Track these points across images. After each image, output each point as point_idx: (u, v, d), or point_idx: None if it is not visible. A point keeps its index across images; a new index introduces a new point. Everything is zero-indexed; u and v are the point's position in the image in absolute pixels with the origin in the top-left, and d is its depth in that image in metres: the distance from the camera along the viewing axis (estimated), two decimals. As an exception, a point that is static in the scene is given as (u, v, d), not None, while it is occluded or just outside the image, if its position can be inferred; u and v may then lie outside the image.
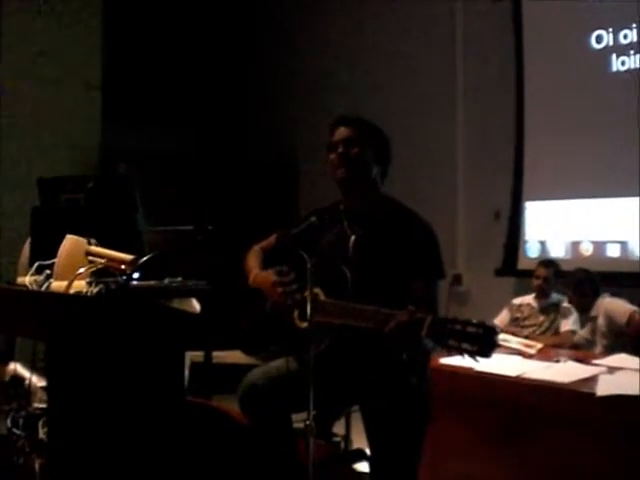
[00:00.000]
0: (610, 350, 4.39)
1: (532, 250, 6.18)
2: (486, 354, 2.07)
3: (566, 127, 5.92)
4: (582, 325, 4.95)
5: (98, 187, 3.51)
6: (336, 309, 2.40)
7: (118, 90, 7.10)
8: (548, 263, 5.24)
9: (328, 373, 2.45)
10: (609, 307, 4.71)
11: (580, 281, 4.89)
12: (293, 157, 8.05)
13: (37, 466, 3.16)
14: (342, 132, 2.65)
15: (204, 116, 7.78)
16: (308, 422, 2.28)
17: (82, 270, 2.70)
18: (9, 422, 3.39)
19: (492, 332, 2.05)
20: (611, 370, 3.65)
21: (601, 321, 4.73)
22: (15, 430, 3.39)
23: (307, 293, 2.31)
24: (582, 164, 5.80)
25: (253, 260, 2.82)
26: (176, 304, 3.42)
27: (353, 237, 2.63)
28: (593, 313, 4.80)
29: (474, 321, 2.07)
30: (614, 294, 4.86)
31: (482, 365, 3.61)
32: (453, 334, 2.08)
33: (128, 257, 2.70)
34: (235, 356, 5.35)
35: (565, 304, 5.03)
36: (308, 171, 7.54)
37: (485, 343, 2.05)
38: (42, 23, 6.61)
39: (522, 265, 6.10)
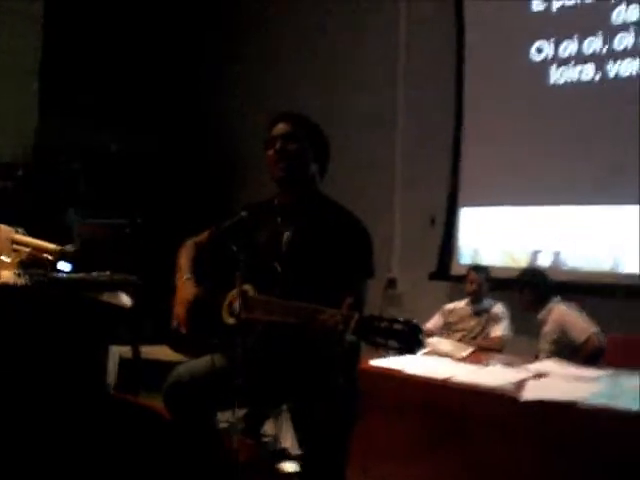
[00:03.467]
0: (553, 357, 4.37)
1: (465, 256, 6.25)
2: (412, 351, 2.06)
3: (504, 136, 6.01)
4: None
5: (28, 175, 3.43)
6: (264, 305, 2.38)
7: (58, 80, 6.95)
8: (479, 268, 5.30)
9: (256, 371, 2.43)
10: (566, 319, 4.64)
11: (530, 280, 4.87)
12: (233, 150, 7.97)
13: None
14: (281, 128, 2.64)
15: (142, 109, 7.66)
16: (232, 420, 2.26)
17: (7, 259, 2.63)
18: None
19: (417, 329, 2.06)
20: (540, 375, 3.69)
21: (550, 328, 4.67)
22: None
23: (237, 289, 2.29)
24: (518, 172, 5.89)
25: (185, 256, 2.77)
26: (105, 298, 3.36)
27: (286, 233, 2.61)
28: (541, 316, 4.75)
29: (400, 319, 2.07)
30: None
31: (412, 367, 3.68)
32: (380, 331, 2.07)
33: (53, 246, 2.64)
34: (164, 352, 5.30)
35: (496, 309, 5.09)
36: (248, 165, 7.49)
37: (411, 340, 2.05)
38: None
39: (455, 271, 6.17)
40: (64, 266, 2.96)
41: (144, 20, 7.74)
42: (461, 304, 5.24)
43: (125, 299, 3.87)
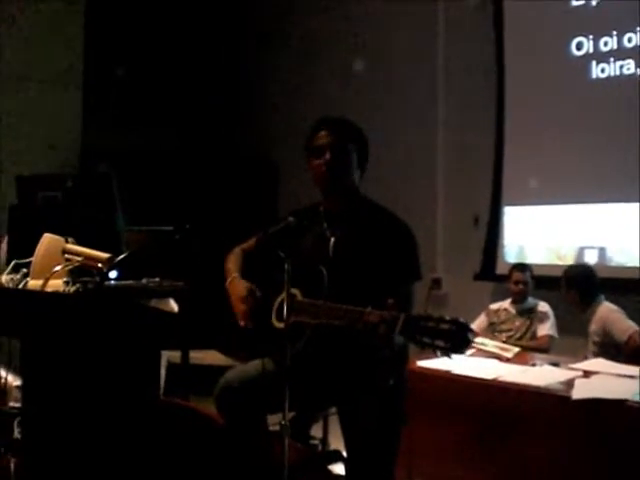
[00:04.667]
0: (599, 357, 4.33)
1: (510, 255, 6.22)
2: (459, 350, 2.07)
3: (546, 133, 5.96)
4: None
5: (77, 186, 3.50)
6: (311, 309, 2.40)
7: (99, 89, 7.07)
8: (523, 267, 5.26)
9: (305, 374, 2.46)
10: (609, 318, 4.57)
11: (578, 278, 4.79)
12: (274, 158, 8.04)
13: (12, 466, 3.14)
14: (325, 136, 2.64)
15: (186, 116, 7.77)
16: (283, 422, 2.28)
17: (58, 268, 2.69)
18: (-17, 421, 3.37)
19: (465, 328, 2.06)
20: (587, 374, 3.68)
21: (595, 328, 4.61)
22: (-10, 429, 3.37)
23: (284, 293, 2.32)
24: (562, 170, 5.85)
25: (233, 262, 2.82)
26: (154, 304, 3.42)
27: (333, 239, 2.64)
28: (587, 315, 4.68)
29: (447, 318, 2.07)
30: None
31: (459, 368, 3.68)
32: (426, 331, 2.08)
33: (104, 255, 2.69)
34: (213, 357, 5.38)
35: (542, 308, 5.05)
36: (289, 172, 7.54)
37: (458, 339, 2.05)
38: (22, 19, 6.57)
39: (501, 270, 6.12)
40: (113, 274, 3.02)
41: (180, 26, 7.85)
42: (505, 304, 5.21)
43: (173, 305, 3.93)
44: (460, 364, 3.70)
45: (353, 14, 7.40)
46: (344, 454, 2.70)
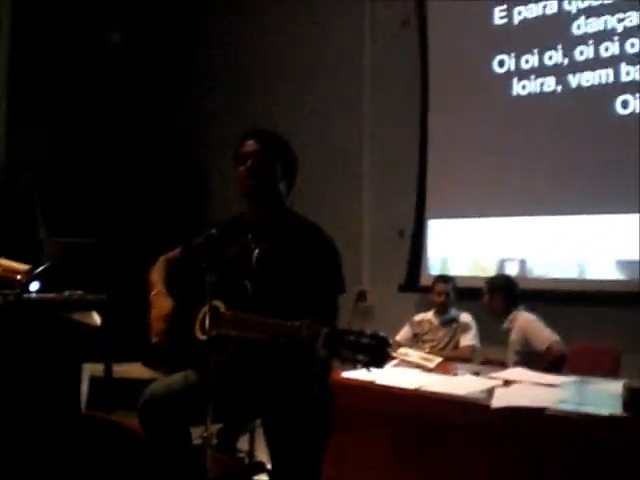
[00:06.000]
0: (519, 366, 4.41)
1: (434, 267, 6.32)
2: (378, 364, 2.09)
3: (468, 148, 6.11)
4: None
5: (-3, 195, 3.42)
6: (234, 321, 2.40)
7: (22, 99, 6.92)
8: (446, 278, 5.35)
9: (229, 386, 2.45)
10: (529, 328, 4.67)
11: (502, 285, 4.91)
12: (202, 168, 7.99)
13: None
14: (250, 145, 2.66)
15: (110, 124, 7.65)
16: (205, 435, 2.27)
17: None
18: None
19: (385, 343, 2.08)
20: (507, 383, 3.75)
21: (515, 337, 4.71)
22: None
23: (207, 305, 2.31)
24: (484, 184, 5.99)
25: (157, 273, 2.79)
26: (77, 317, 3.36)
27: (257, 250, 2.64)
28: (506, 325, 4.78)
29: (367, 332, 2.09)
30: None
31: (382, 378, 3.72)
32: (347, 345, 2.09)
33: (24, 267, 2.64)
34: (136, 371, 5.29)
35: (465, 319, 5.14)
36: (220, 182, 7.50)
37: (378, 354, 2.07)
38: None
39: (425, 281, 6.21)
40: (34, 286, 2.96)
41: (109, 34, 7.75)
42: (428, 315, 5.28)
43: (96, 318, 3.87)
44: (384, 374, 3.73)
45: (282, 26, 7.45)
46: (268, 466, 2.70)
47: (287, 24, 7.42)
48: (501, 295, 4.84)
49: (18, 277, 2.61)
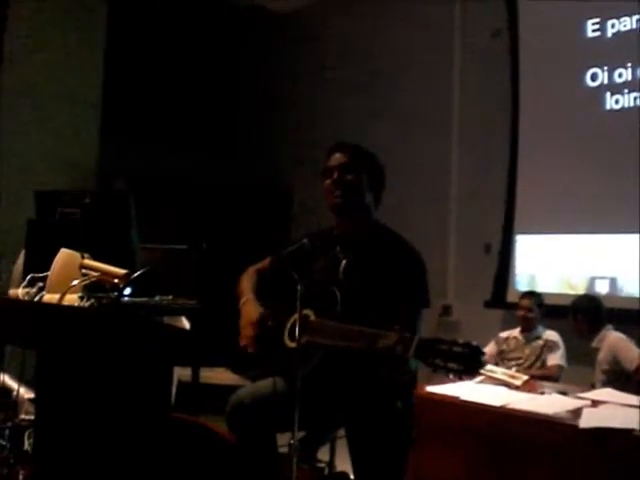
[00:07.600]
0: (607, 386, 4.34)
1: (521, 283, 6.23)
2: (472, 372, 2.09)
3: (559, 163, 6.00)
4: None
5: (95, 202, 3.53)
6: (325, 329, 2.42)
7: (117, 108, 7.15)
8: (530, 294, 5.28)
9: (315, 394, 2.47)
10: (617, 346, 4.60)
11: (585, 307, 4.84)
12: (288, 181, 8.11)
13: (21, 477, 3.16)
14: (338, 158, 2.70)
15: (203, 136, 7.85)
16: (292, 442, 2.30)
17: (75, 282, 2.72)
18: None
19: (478, 352, 2.07)
20: (595, 403, 3.67)
21: (603, 356, 4.64)
22: (0, 441, 3.40)
23: (297, 313, 2.34)
24: (575, 200, 5.87)
25: (246, 282, 2.85)
26: (166, 321, 3.44)
27: (344, 261, 2.67)
28: (595, 344, 4.72)
29: (460, 341, 2.09)
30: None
31: (467, 394, 3.68)
32: (439, 354, 2.09)
33: (121, 271, 2.72)
34: (222, 376, 5.40)
35: (551, 337, 5.05)
36: (304, 195, 7.59)
37: (471, 362, 2.06)
38: (44, 38, 6.65)
39: (511, 298, 6.13)
40: (127, 290, 3.04)
41: (196, 48, 7.96)
42: (515, 332, 5.22)
43: (185, 323, 3.96)
44: (469, 390, 3.71)
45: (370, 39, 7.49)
46: (351, 476, 2.71)
47: (375, 32, 7.45)
48: (585, 316, 4.77)
49: (115, 281, 2.69)
